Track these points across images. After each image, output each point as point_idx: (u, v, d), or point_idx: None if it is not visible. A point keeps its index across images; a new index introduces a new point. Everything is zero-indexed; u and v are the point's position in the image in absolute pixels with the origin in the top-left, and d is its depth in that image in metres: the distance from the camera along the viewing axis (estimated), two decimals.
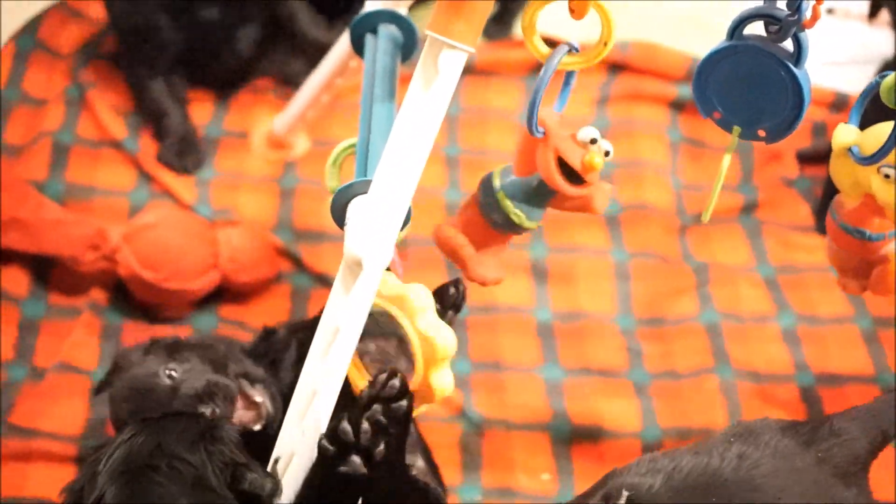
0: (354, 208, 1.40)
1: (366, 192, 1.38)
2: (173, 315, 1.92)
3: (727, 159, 1.30)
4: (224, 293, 1.95)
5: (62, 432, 1.75)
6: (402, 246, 1.37)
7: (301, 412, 1.39)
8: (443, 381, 1.41)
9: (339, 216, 1.42)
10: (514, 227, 1.43)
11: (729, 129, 1.29)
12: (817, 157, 2.17)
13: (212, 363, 1.56)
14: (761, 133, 1.28)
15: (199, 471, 1.29)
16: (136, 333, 1.90)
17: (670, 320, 1.99)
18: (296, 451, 1.38)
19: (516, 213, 1.41)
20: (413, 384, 1.37)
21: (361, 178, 1.40)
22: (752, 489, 1.29)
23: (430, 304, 1.40)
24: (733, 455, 1.32)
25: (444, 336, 1.39)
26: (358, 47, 1.71)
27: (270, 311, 1.94)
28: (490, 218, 1.44)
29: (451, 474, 1.76)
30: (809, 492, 1.30)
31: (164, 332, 1.89)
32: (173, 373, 1.53)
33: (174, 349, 1.59)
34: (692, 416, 1.85)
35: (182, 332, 1.90)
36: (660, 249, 2.08)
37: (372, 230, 1.35)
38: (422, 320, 1.39)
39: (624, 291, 2.02)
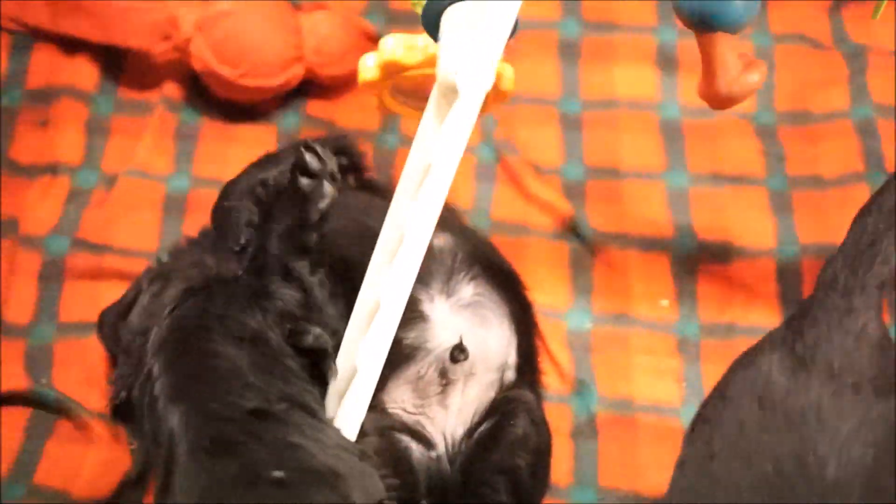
0: (449, 20, 1.17)
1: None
2: (255, 113, 1.72)
3: None
4: (310, 88, 1.75)
5: (135, 247, 1.61)
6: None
7: (389, 256, 1.21)
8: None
9: (432, 27, 1.20)
10: None
11: None
12: None
13: None
14: None
15: (256, 328, 1.14)
16: (214, 133, 1.72)
17: (817, 115, 1.73)
18: (382, 301, 1.20)
19: None
20: None
21: None
22: None
23: None
24: None
25: None
26: None
27: (361, 108, 1.74)
28: None
29: (559, 298, 1.59)
30: None
31: (245, 132, 1.72)
32: None
33: None
34: (837, 231, 1.62)
35: (265, 132, 1.72)
36: (809, 31, 1.80)
37: (470, 49, 1.13)
38: None
39: (765, 82, 1.75)
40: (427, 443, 1.28)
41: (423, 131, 1.18)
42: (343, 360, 1.25)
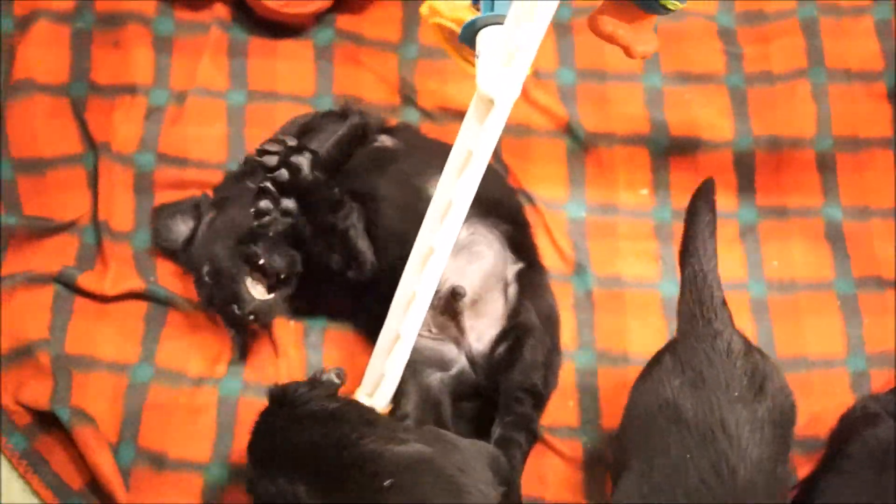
0: (484, 40, 1.49)
1: (499, 23, 1.46)
2: (294, 31, 2.01)
3: None
4: (341, 4, 2.02)
5: (208, 160, 1.94)
6: None
7: (440, 217, 1.58)
8: None
9: (469, 42, 1.52)
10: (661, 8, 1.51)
11: None
12: None
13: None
14: None
15: None
16: (260, 49, 2.02)
17: (769, 15, 2.05)
18: (435, 248, 1.58)
19: None
20: None
21: (490, 13, 1.48)
22: None
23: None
24: None
25: None
26: None
27: (386, 21, 2.04)
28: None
29: (558, 191, 1.95)
30: None
31: (287, 48, 2.02)
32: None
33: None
34: (784, 123, 1.98)
35: (303, 48, 2.02)
36: None
37: (505, 69, 1.45)
38: None
39: None
40: (448, 365, 1.70)
41: (467, 126, 1.51)
42: (404, 288, 1.62)
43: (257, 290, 1.72)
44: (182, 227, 1.85)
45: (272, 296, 1.72)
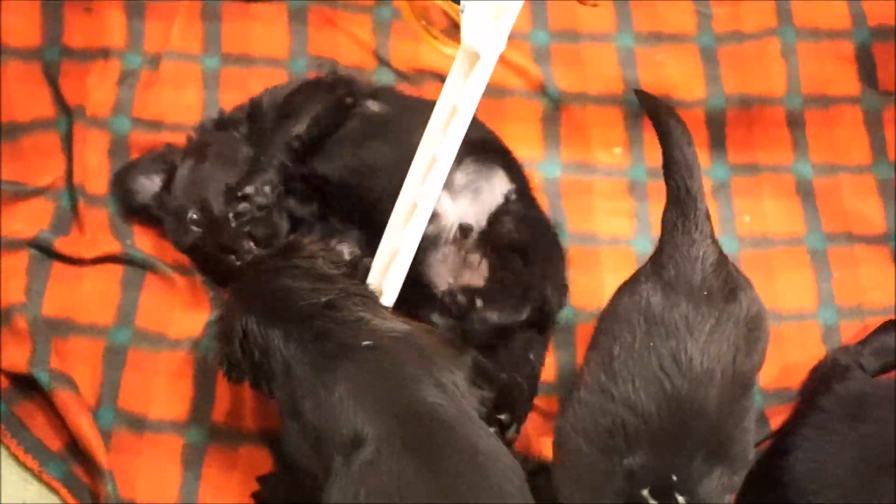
0: None
1: None
2: None
3: None
4: None
5: (183, 122, 1.93)
6: None
7: (424, 171, 1.59)
8: None
9: None
10: None
11: None
12: None
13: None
14: None
15: None
16: (234, 13, 2.01)
17: None
18: (419, 203, 1.59)
19: None
20: None
21: None
22: None
23: None
24: None
25: None
26: None
27: None
28: None
29: (534, 151, 1.96)
30: None
31: (260, 10, 2.01)
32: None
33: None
34: (754, 80, 2.01)
35: (277, 11, 2.01)
36: None
37: (491, 23, 1.46)
38: None
39: None
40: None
41: (451, 81, 1.53)
42: (386, 245, 1.64)
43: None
44: (146, 183, 1.84)
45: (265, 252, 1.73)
